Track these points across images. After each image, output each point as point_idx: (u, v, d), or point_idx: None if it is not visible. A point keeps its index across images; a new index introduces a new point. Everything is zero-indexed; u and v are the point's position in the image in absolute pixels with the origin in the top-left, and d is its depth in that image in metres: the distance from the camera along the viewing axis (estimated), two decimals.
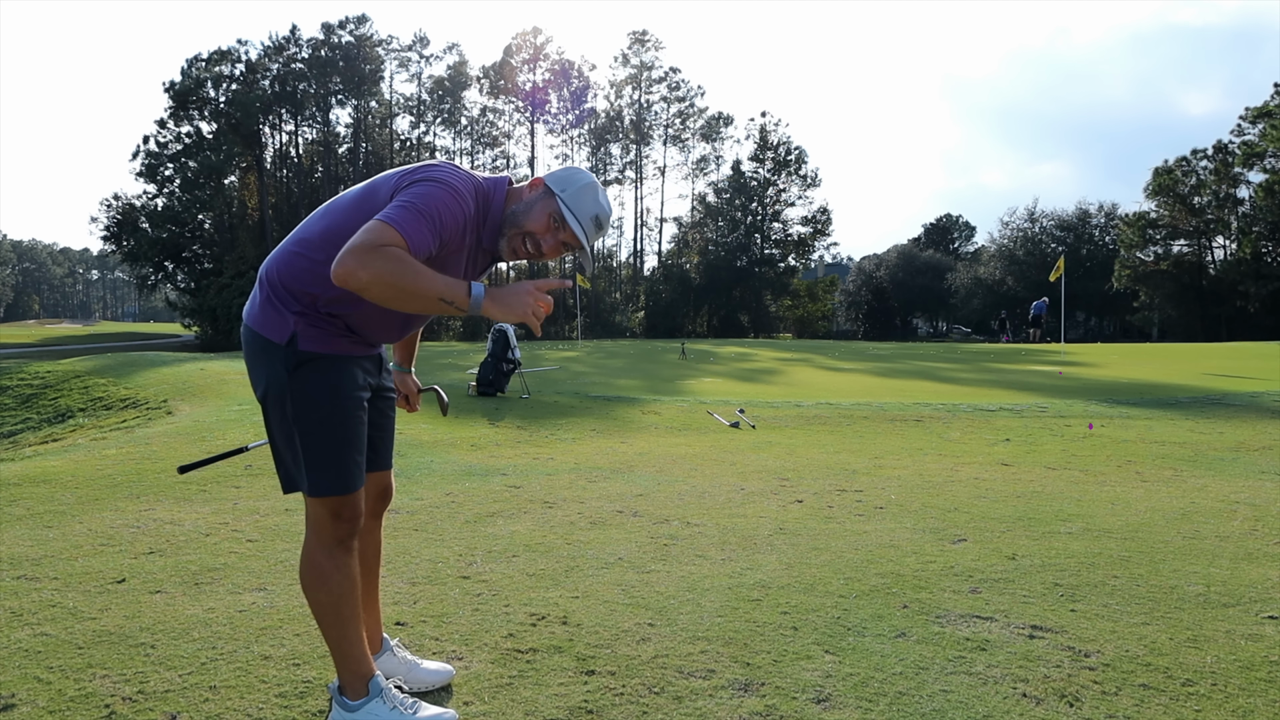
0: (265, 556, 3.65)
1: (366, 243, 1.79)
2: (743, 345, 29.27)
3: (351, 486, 2.08)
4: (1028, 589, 3.21)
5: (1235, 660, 2.55)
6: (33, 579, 3.32)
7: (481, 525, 4.25)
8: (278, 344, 2.02)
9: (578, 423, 8.28)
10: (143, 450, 6.50)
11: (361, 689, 2.11)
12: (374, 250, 1.78)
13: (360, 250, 1.78)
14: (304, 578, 2.12)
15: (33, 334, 62.61)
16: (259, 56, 51.43)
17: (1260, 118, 46.38)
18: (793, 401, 9.77)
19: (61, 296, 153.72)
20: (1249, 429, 7.68)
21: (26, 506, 4.61)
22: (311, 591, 2.10)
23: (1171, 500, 4.81)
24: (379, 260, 1.77)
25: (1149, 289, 50.18)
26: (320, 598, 2.09)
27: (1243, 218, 48.07)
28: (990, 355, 21.06)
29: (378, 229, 1.81)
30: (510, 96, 57.99)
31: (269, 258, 2.11)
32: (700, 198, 61.88)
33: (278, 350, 2.02)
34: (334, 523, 2.08)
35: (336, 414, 2.05)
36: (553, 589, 3.24)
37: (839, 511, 4.57)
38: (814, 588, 3.23)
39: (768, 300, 59.69)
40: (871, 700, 2.29)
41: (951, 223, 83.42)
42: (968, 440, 7.26)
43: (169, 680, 2.40)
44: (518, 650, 2.64)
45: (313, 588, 2.10)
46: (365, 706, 2.11)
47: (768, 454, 6.59)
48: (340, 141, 55.54)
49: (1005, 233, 62.69)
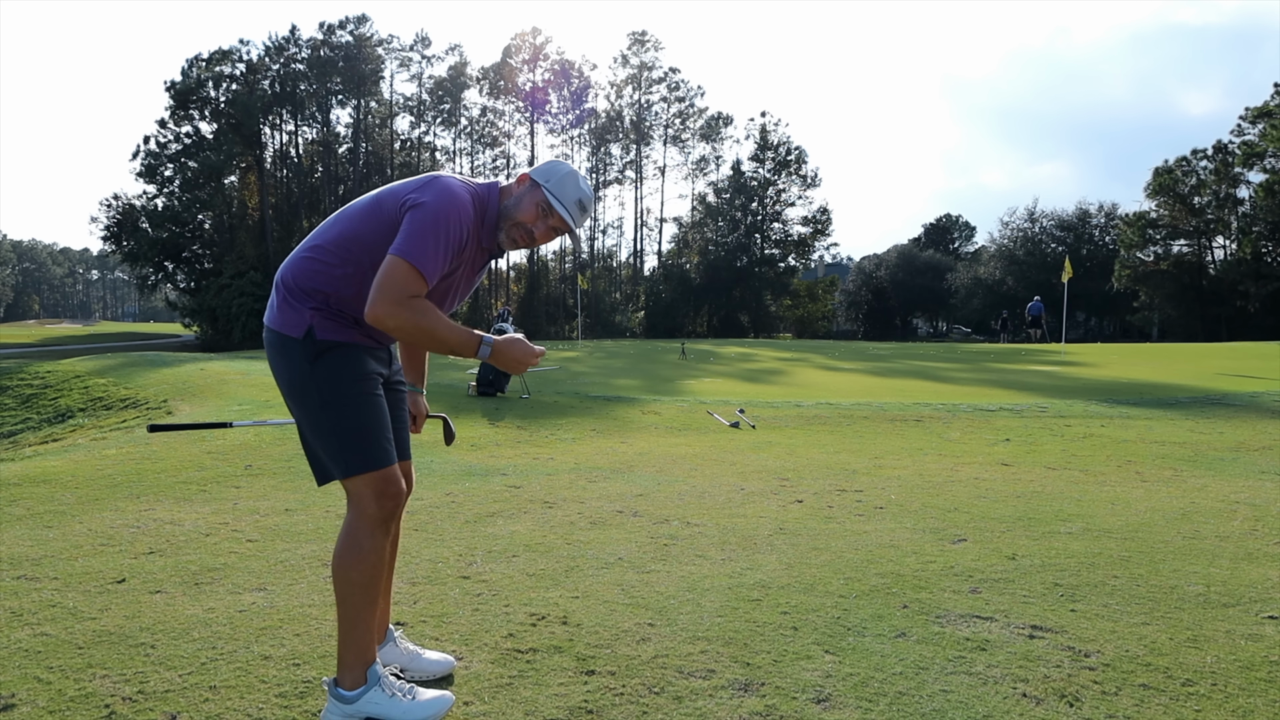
0: (265, 556, 3.65)
1: (395, 293, 2.02)
2: (743, 345, 29.27)
3: (385, 460, 2.19)
4: (1028, 589, 3.21)
5: (1235, 660, 2.55)
6: (33, 579, 3.32)
7: (481, 525, 4.25)
8: (296, 338, 2.16)
9: (578, 423, 8.28)
10: (143, 450, 6.50)
11: (360, 676, 2.17)
12: (403, 304, 2.02)
13: (390, 301, 2.01)
14: (341, 556, 2.18)
15: (33, 334, 62.59)
16: (259, 56, 51.44)
17: (1260, 118, 46.37)
18: (793, 401, 9.77)
19: (61, 296, 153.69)
20: (1249, 429, 7.68)
21: (26, 506, 4.61)
22: (346, 570, 2.17)
23: (1171, 500, 4.81)
24: (405, 313, 2.02)
25: (1149, 289, 50.17)
26: (354, 576, 2.17)
27: (1243, 218, 48.06)
28: (990, 355, 21.06)
29: (400, 271, 2.03)
30: (510, 97, 58.01)
31: (284, 265, 2.26)
32: (700, 198, 61.93)
33: (296, 344, 2.16)
34: (378, 501, 2.18)
35: (360, 394, 2.19)
36: (553, 589, 3.24)
37: (839, 511, 4.57)
38: (814, 588, 3.23)
39: (768, 300, 59.68)
40: (871, 700, 2.29)
41: (951, 223, 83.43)
42: (968, 440, 7.26)
43: (169, 680, 2.40)
44: (518, 650, 2.64)
45: (350, 566, 2.17)
46: (364, 695, 2.16)
47: (768, 454, 6.59)
48: (340, 141, 55.54)
49: (1005, 233, 62.73)
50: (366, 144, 56.37)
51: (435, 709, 2.20)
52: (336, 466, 2.18)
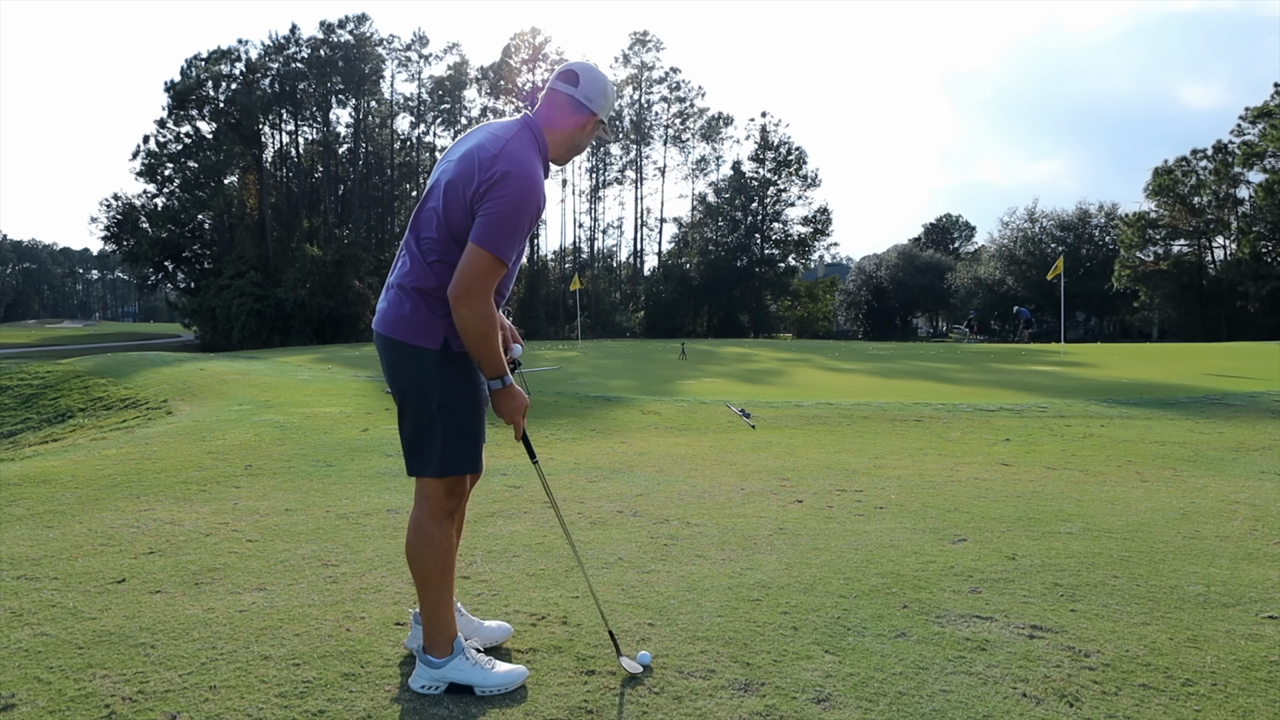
0: (265, 556, 3.65)
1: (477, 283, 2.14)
2: (743, 345, 29.26)
3: (475, 467, 2.40)
4: (1028, 589, 3.21)
5: (1235, 660, 2.55)
6: (33, 579, 3.32)
7: (481, 525, 4.25)
8: (431, 349, 2.28)
9: (578, 423, 8.28)
10: (143, 450, 6.50)
11: (447, 648, 2.38)
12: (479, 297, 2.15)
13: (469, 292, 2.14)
14: (414, 545, 2.38)
15: (33, 334, 62.59)
16: (259, 56, 51.38)
17: (1260, 118, 46.31)
18: (793, 401, 9.77)
19: (61, 296, 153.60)
20: (1249, 429, 7.68)
21: (26, 506, 4.61)
22: (421, 558, 2.37)
23: (1171, 500, 4.81)
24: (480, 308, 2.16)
25: (1149, 289, 50.11)
26: (429, 563, 2.36)
27: (1243, 218, 48.01)
28: (990, 355, 21.07)
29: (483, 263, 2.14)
30: (510, 97, 57.97)
31: (405, 272, 2.32)
32: (700, 198, 61.89)
33: (430, 353, 2.29)
34: (447, 497, 2.38)
35: (477, 403, 2.38)
36: (553, 589, 3.24)
37: (839, 511, 4.56)
38: (814, 588, 3.23)
39: (768, 300, 59.67)
40: (871, 700, 2.29)
41: (951, 222, 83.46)
42: (968, 440, 7.26)
43: (169, 680, 2.40)
44: (517, 650, 2.65)
45: (423, 554, 2.36)
46: (450, 663, 2.36)
47: (768, 454, 6.59)
48: (340, 141, 55.45)
49: (1005, 233, 62.61)
50: (366, 144, 56.30)
51: (512, 679, 2.38)
52: (431, 465, 2.33)
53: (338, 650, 2.62)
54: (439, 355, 2.28)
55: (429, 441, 2.32)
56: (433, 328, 2.27)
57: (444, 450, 2.32)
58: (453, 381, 2.30)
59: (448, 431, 2.31)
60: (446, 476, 2.35)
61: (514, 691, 2.37)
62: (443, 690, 2.37)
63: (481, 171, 2.17)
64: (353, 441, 6.94)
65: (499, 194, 2.14)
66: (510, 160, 2.16)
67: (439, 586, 2.37)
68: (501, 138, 2.23)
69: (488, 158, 2.18)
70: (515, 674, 2.39)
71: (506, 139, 2.22)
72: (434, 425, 2.31)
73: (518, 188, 2.14)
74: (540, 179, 2.23)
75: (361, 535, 4.05)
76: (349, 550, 3.78)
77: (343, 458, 6.22)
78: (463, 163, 2.23)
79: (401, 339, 2.29)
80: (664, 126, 61.44)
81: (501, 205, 2.13)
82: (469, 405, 2.35)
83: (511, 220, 2.14)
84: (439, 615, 2.38)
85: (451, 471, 2.34)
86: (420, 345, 2.28)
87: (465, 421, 2.34)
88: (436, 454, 2.32)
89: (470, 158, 2.22)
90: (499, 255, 2.15)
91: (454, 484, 2.38)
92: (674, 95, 60.66)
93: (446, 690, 2.37)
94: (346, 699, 2.31)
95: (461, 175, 2.21)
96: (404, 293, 2.30)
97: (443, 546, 2.38)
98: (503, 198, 2.13)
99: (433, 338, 2.27)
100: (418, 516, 2.40)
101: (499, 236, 2.13)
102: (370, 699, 2.32)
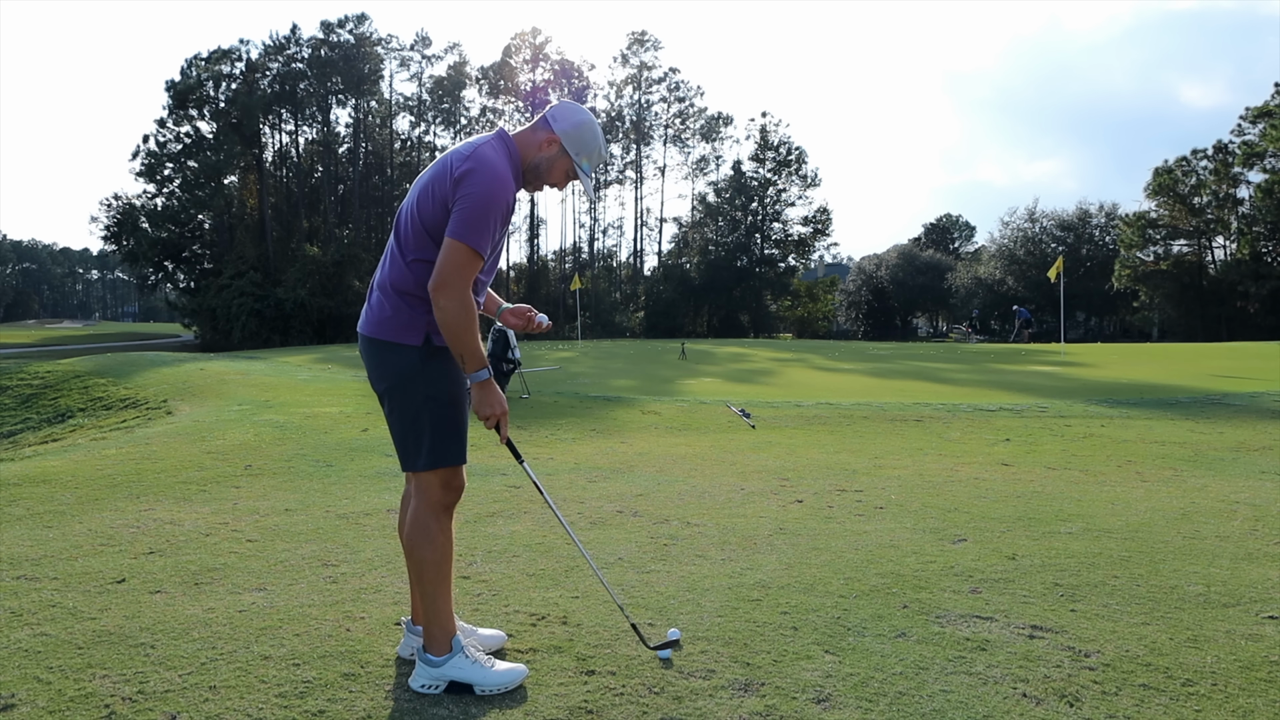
0: (265, 556, 3.65)
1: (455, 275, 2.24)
2: (743, 345, 29.26)
3: (463, 458, 2.45)
4: (1028, 589, 3.21)
5: (1235, 660, 2.55)
6: (33, 579, 3.32)
7: (481, 525, 4.25)
8: (414, 345, 2.37)
9: (578, 423, 8.28)
10: (143, 450, 6.50)
11: (446, 645, 2.40)
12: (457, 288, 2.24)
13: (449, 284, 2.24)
14: (413, 539, 2.43)
15: (33, 334, 62.59)
16: (259, 56, 51.37)
17: (1260, 117, 46.30)
18: (793, 401, 9.77)
19: (61, 296, 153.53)
20: (1249, 429, 7.68)
21: (26, 506, 4.61)
22: (420, 551, 2.42)
23: (1171, 500, 4.81)
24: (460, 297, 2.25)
25: (1149, 289, 50.11)
26: (427, 555, 2.41)
27: (1243, 218, 47.98)
28: (990, 355, 21.07)
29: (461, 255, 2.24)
30: (510, 96, 57.97)
31: (387, 273, 2.42)
32: (700, 198, 61.86)
33: (413, 350, 2.37)
34: (444, 491, 2.43)
35: (459, 396, 2.44)
36: (553, 589, 3.24)
37: (839, 511, 4.56)
38: (814, 588, 3.23)
39: (768, 300, 59.65)
40: (871, 700, 2.29)
41: (951, 222, 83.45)
42: (968, 440, 7.26)
43: (169, 680, 2.40)
44: (518, 650, 2.65)
45: (421, 547, 2.41)
46: (450, 661, 2.38)
47: (768, 454, 6.58)
48: (340, 141, 55.44)
49: (1005, 232, 62.61)
50: (366, 144, 56.31)
51: (511, 678, 2.39)
52: (421, 459, 2.38)
53: (338, 650, 2.62)
54: (421, 351, 2.37)
55: (417, 435, 2.39)
56: (415, 325, 2.36)
57: (432, 442, 2.38)
58: (436, 375, 2.38)
59: (434, 424, 2.38)
60: (437, 469, 2.40)
61: (514, 691, 2.37)
62: (442, 689, 2.37)
63: (454, 170, 2.32)
64: (352, 441, 6.94)
65: (468, 189, 2.27)
66: (479, 160, 2.31)
67: (435, 580, 2.41)
68: (474, 143, 2.39)
69: (460, 158, 2.34)
70: (515, 673, 2.40)
71: (479, 144, 2.38)
72: (420, 419, 2.39)
73: (487, 182, 2.27)
74: (509, 177, 2.33)
75: (361, 535, 4.05)
76: (349, 550, 3.78)
77: (342, 458, 6.22)
78: (437, 166, 2.40)
79: (385, 338, 2.39)
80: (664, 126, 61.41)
81: (472, 200, 2.26)
82: (452, 398, 2.41)
83: (482, 212, 2.26)
84: (437, 611, 2.41)
85: (440, 463, 2.40)
86: (403, 342, 2.37)
87: (450, 413, 2.40)
88: (425, 446, 2.39)
89: (445, 161, 2.40)
90: (474, 247, 2.25)
91: (449, 477, 2.43)
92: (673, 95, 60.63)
93: (446, 689, 2.37)
94: (346, 699, 2.31)
95: (436, 177, 2.36)
96: (385, 294, 2.41)
97: (439, 540, 2.42)
98: (472, 193, 2.26)
99: (415, 335, 2.37)
100: (416, 512, 2.45)
101: (471, 229, 2.25)
102: (370, 699, 2.32)
